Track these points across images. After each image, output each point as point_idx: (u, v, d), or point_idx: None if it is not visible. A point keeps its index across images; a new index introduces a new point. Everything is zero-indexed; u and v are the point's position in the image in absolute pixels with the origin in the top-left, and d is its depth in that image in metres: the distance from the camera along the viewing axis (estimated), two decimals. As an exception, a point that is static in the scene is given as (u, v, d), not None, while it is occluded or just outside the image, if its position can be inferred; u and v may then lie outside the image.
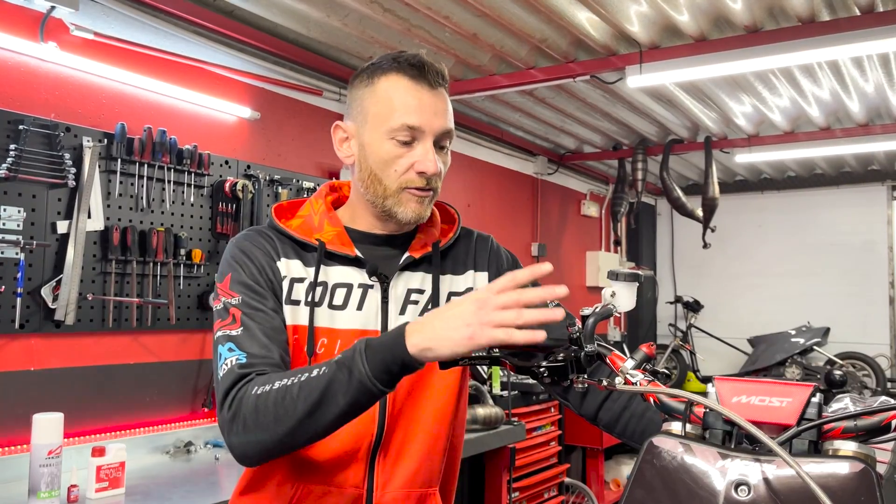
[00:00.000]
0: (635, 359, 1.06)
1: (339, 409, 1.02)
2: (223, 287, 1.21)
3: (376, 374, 1.00)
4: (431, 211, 1.36)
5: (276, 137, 3.45)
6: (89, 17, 2.67)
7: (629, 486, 0.94)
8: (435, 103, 1.21)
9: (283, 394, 1.04)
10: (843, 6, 3.12)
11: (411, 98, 1.19)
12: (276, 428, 1.04)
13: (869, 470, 0.83)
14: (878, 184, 6.56)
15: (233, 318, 1.17)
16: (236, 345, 1.14)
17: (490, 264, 1.36)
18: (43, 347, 2.52)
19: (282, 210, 1.34)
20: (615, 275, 1.05)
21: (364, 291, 1.24)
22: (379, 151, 1.21)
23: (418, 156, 1.20)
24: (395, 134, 1.19)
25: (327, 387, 1.02)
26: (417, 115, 1.19)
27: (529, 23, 3.29)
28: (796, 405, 0.90)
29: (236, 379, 1.10)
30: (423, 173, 1.20)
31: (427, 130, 1.19)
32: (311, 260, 1.25)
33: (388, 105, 1.20)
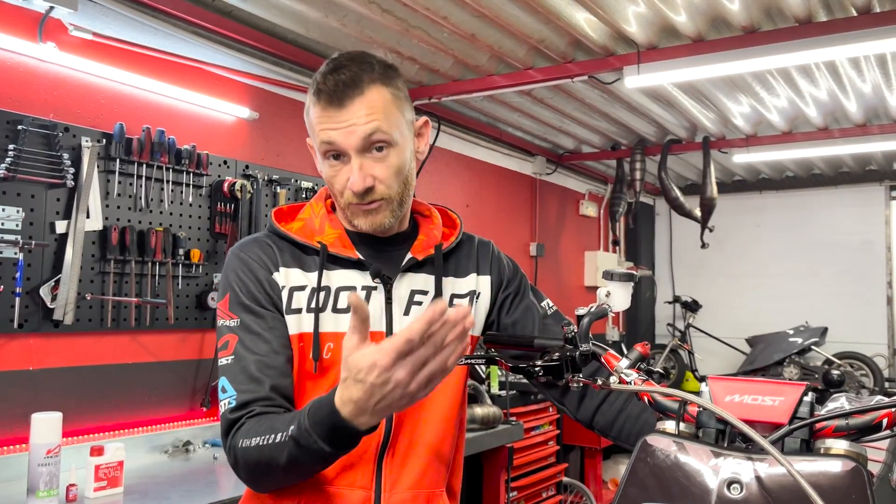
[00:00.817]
0: (630, 358, 1.07)
1: (316, 469, 1.08)
2: (223, 307, 1.22)
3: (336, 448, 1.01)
4: (433, 214, 1.37)
5: (274, 137, 3.45)
6: (88, 17, 2.67)
7: (623, 484, 0.95)
8: (346, 119, 1.16)
9: (263, 451, 1.07)
10: (840, 7, 3.13)
11: (322, 116, 1.17)
12: (270, 477, 1.10)
13: (860, 468, 0.84)
14: (875, 184, 6.57)
15: (225, 343, 1.19)
16: (228, 380, 1.16)
17: (492, 269, 1.37)
18: (42, 347, 2.52)
19: (282, 214, 1.33)
20: (610, 275, 1.06)
21: (367, 294, 1.24)
22: (323, 171, 1.23)
23: (347, 173, 1.18)
24: (324, 153, 1.20)
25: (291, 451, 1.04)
26: (332, 132, 1.16)
27: (527, 23, 3.29)
28: (788, 404, 0.91)
29: (228, 426, 1.14)
30: (354, 191, 1.18)
31: (344, 146, 1.16)
32: (312, 265, 1.25)
33: (311, 128, 1.22)
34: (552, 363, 1.07)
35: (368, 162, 1.18)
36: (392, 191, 1.21)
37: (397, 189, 1.22)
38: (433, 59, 3.68)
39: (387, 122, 1.18)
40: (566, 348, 1.08)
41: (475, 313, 1.32)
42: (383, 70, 1.20)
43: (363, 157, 1.17)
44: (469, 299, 1.33)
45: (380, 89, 1.18)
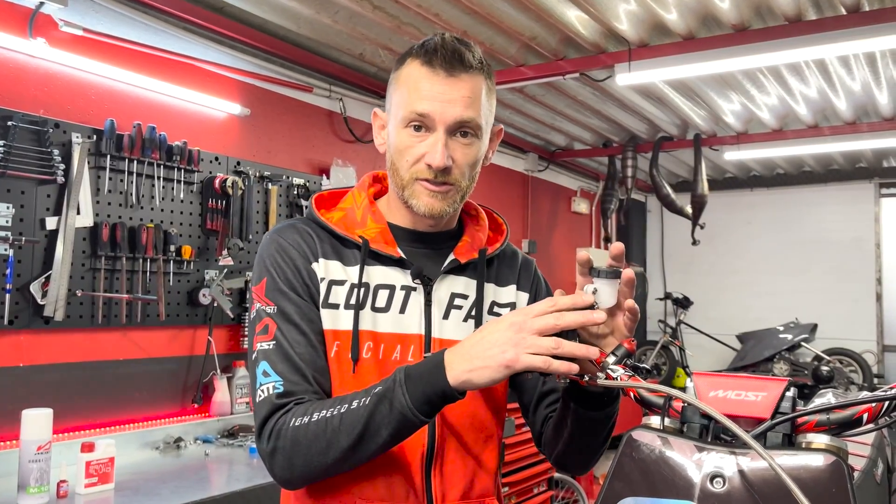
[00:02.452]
0: (616, 354, 1.07)
1: (382, 440, 1.02)
2: (258, 292, 1.17)
3: (418, 406, 0.99)
4: (480, 215, 1.35)
5: (266, 134, 3.45)
6: (78, 13, 2.66)
7: (608, 478, 0.96)
8: (449, 90, 1.13)
9: (324, 426, 1.03)
10: (830, 5, 3.15)
11: (424, 83, 1.14)
12: (320, 459, 1.04)
13: (840, 462, 0.85)
14: (865, 181, 6.62)
15: (265, 328, 1.14)
16: (270, 365, 1.11)
17: (532, 287, 1.34)
18: (32, 343, 2.52)
19: (322, 200, 1.28)
20: (597, 272, 1.07)
21: (407, 294, 1.20)
22: (396, 140, 1.18)
23: (427, 146, 1.15)
24: (408, 121, 1.15)
25: (369, 420, 1.01)
26: (428, 101, 1.13)
27: (519, 21, 3.30)
28: (771, 399, 0.92)
29: (273, 409, 1.08)
30: (430, 165, 1.15)
31: (437, 119, 1.13)
32: (352, 258, 1.21)
33: (405, 92, 1.16)
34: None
35: (452, 143, 1.15)
36: (463, 180, 1.19)
37: (467, 181, 1.20)
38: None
39: (481, 111, 1.18)
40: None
41: None
42: (485, 62, 1.20)
43: (449, 136, 1.15)
44: (509, 310, 1.29)
45: (481, 78, 1.18)
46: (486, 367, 0.96)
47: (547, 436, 1.29)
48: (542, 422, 1.31)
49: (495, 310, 1.29)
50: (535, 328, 0.95)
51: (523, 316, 0.97)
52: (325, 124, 3.80)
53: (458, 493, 1.18)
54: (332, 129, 3.85)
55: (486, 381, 0.97)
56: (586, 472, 1.39)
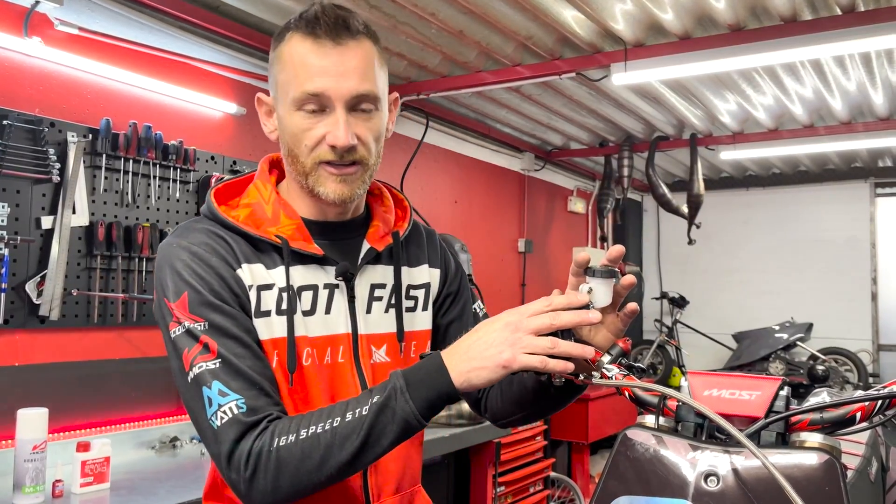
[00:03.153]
0: (612, 353, 1.08)
1: (382, 449, 0.98)
2: (180, 308, 1.04)
3: (422, 411, 0.97)
4: (384, 194, 1.27)
5: (261, 133, 3.42)
6: (74, 12, 2.66)
7: (604, 477, 0.96)
8: (340, 62, 1.05)
9: (316, 442, 0.97)
10: (825, 6, 3.15)
11: (311, 59, 1.05)
12: (312, 477, 0.98)
13: (833, 461, 0.86)
14: (861, 181, 6.64)
15: (204, 347, 1.02)
16: (223, 384, 1.00)
17: (441, 262, 1.30)
18: (27, 343, 2.52)
19: (221, 195, 1.16)
20: (592, 271, 1.07)
21: (330, 292, 1.14)
22: (290, 124, 1.08)
23: (328, 126, 1.06)
24: (300, 104, 1.06)
25: (370, 430, 0.96)
26: (320, 79, 1.04)
27: (515, 20, 3.30)
28: (765, 398, 0.93)
29: (244, 429, 0.99)
30: (334, 147, 1.06)
31: (333, 96, 1.05)
32: (272, 260, 1.11)
33: (292, 71, 1.06)
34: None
35: (353, 119, 1.07)
36: (370, 156, 1.11)
37: (374, 158, 1.11)
38: (421, 55, 3.68)
39: (377, 81, 1.09)
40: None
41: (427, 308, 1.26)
42: (369, 26, 1.12)
43: (349, 112, 1.07)
44: (424, 292, 1.26)
45: (370, 44, 1.10)
46: (483, 368, 0.95)
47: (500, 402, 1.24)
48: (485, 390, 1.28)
49: (411, 293, 1.24)
50: (531, 328, 0.95)
51: (519, 315, 0.96)
52: (321, 123, 3.80)
53: (392, 488, 1.19)
54: (328, 128, 3.84)
55: (485, 381, 0.96)
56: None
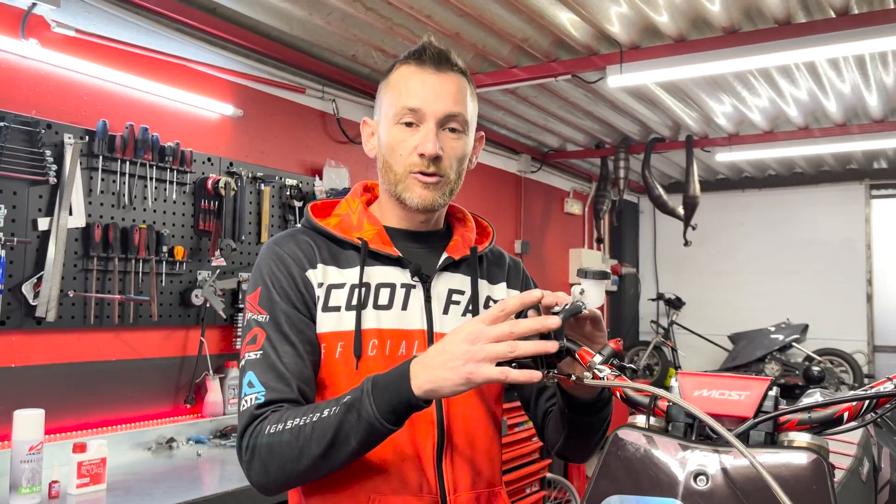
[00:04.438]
0: (603, 354, 1.09)
1: (351, 448, 1.04)
2: (252, 301, 1.20)
3: (384, 414, 1.02)
4: (467, 218, 1.40)
5: (258, 135, 3.46)
6: (71, 13, 2.67)
7: (595, 476, 0.97)
8: (438, 86, 1.21)
9: (297, 434, 1.05)
10: (819, 8, 3.17)
11: (413, 82, 1.22)
12: (293, 466, 1.06)
13: (821, 460, 0.87)
14: (856, 182, 6.66)
15: (254, 338, 1.17)
16: (255, 375, 1.14)
17: (522, 286, 1.40)
18: (24, 344, 2.52)
19: (317, 209, 1.32)
20: (584, 273, 1.09)
21: (407, 291, 1.25)
22: (388, 138, 1.24)
23: (419, 138, 1.21)
24: (399, 118, 1.21)
25: (338, 429, 1.03)
26: (418, 98, 1.20)
27: (511, 22, 3.31)
28: (754, 398, 0.94)
29: (251, 419, 1.11)
30: (422, 155, 1.20)
31: (427, 112, 1.20)
32: (349, 261, 1.25)
33: (396, 93, 1.23)
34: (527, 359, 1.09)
35: (441, 136, 1.22)
36: (451, 173, 1.24)
37: (455, 175, 1.25)
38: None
39: (468, 111, 1.25)
40: (541, 344, 1.09)
41: None
42: (464, 67, 1.28)
43: (439, 129, 1.21)
44: None
45: (465, 81, 1.26)
46: (447, 380, 0.99)
47: (548, 432, 1.36)
48: (542, 415, 1.38)
49: (490, 304, 1.33)
50: (490, 336, 0.98)
51: (479, 325, 1.00)
52: (317, 125, 3.81)
53: (468, 483, 1.22)
54: (324, 129, 3.85)
55: (450, 392, 1.01)
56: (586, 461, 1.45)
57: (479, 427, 1.26)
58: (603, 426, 1.28)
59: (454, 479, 1.20)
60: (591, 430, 1.26)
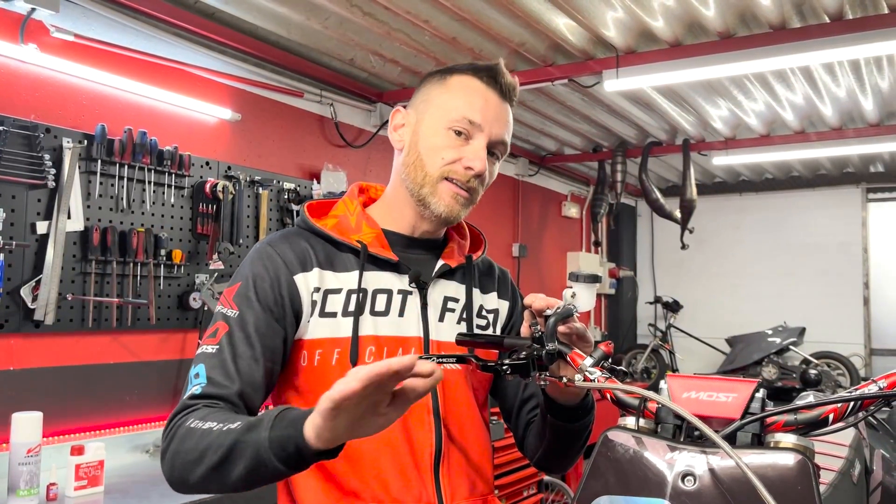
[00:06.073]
0: (594, 356, 1.10)
1: (239, 472, 0.95)
2: (227, 295, 1.17)
3: (273, 447, 0.90)
4: (462, 226, 1.39)
5: (256, 139, 3.47)
6: (70, 18, 2.68)
7: (585, 477, 0.99)
8: (499, 111, 1.24)
9: (205, 436, 0.98)
10: (813, 14, 3.19)
11: (478, 98, 1.22)
12: (191, 469, 0.99)
13: (806, 461, 0.88)
14: (852, 186, 6.68)
15: (215, 331, 1.13)
16: (205, 368, 1.09)
17: (510, 296, 1.40)
18: (22, 347, 2.53)
19: (313, 209, 1.30)
20: (576, 276, 1.10)
21: (404, 298, 1.23)
22: (433, 137, 1.22)
23: (469, 152, 1.21)
24: (453, 125, 1.21)
25: (233, 445, 0.94)
26: (481, 114, 1.21)
27: (508, 27, 3.33)
28: (741, 400, 0.95)
29: (182, 407, 1.06)
30: (469, 169, 1.20)
31: (486, 130, 1.21)
32: (346, 264, 1.22)
33: (455, 98, 1.22)
34: (519, 361, 1.10)
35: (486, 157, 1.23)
36: (479, 191, 1.26)
37: (480, 194, 1.27)
38: (415, 61, 3.71)
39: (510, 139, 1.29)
40: (533, 347, 1.11)
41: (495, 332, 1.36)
42: None
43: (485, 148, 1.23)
44: (494, 316, 1.35)
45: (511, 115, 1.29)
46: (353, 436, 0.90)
47: (528, 441, 1.36)
48: (524, 427, 1.38)
49: (483, 313, 1.34)
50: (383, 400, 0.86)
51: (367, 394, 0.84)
52: (315, 129, 3.83)
53: (466, 491, 1.22)
54: (322, 133, 3.87)
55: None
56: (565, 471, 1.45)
57: (473, 434, 1.26)
58: (584, 435, 1.27)
59: (451, 488, 1.20)
60: (572, 438, 1.26)
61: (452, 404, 1.24)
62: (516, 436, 1.40)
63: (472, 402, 1.28)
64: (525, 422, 1.37)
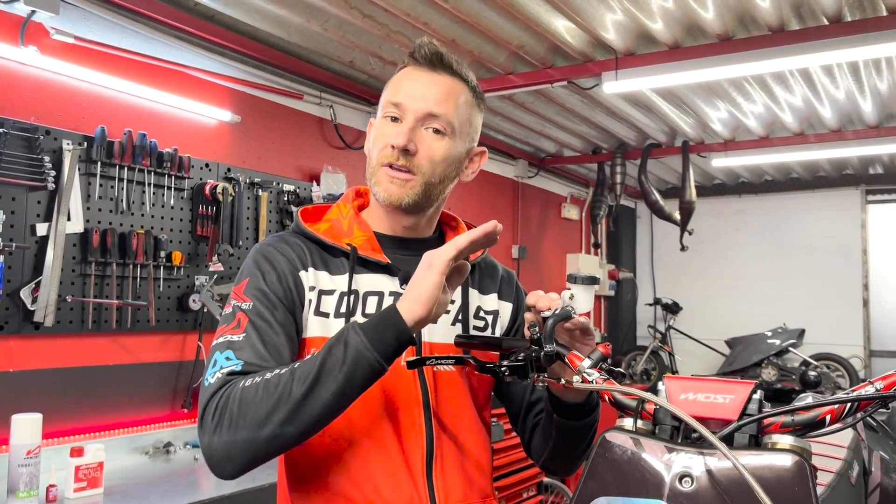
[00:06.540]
0: (592, 358, 1.11)
1: (337, 385, 1.00)
2: (238, 291, 1.18)
3: (372, 342, 1.01)
4: (460, 226, 1.38)
5: (256, 141, 3.48)
6: (70, 21, 2.69)
7: (583, 478, 0.99)
8: (426, 85, 1.21)
9: (276, 381, 1.01)
10: (812, 16, 3.20)
11: (405, 80, 1.22)
12: (268, 418, 1.00)
13: (803, 462, 0.88)
14: (852, 188, 6.69)
15: (238, 322, 1.13)
16: (234, 352, 1.09)
17: (514, 298, 1.39)
18: (22, 349, 2.53)
19: (308, 214, 1.31)
20: (573, 278, 1.10)
21: (395, 299, 1.21)
22: (375, 132, 1.24)
23: (392, 130, 1.20)
24: (384, 112, 1.22)
25: (322, 364, 1.01)
26: (403, 94, 1.21)
27: (507, 30, 3.34)
28: (738, 401, 0.96)
29: (222, 383, 1.06)
30: (393, 148, 1.19)
31: (408, 108, 1.20)
32: (339, 267, 1.23)
33: (389, 89, 1.24)
34: (518, 363, 1.11)
35: (420, 133, 1.20)
36: (427, 172, 1.21)
37: (433, 176, 1.22)
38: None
39: (456, 115, 1.22)
40: (531, 349, 1.11)
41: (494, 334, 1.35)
42: (469, 77, 1.27)
43: (418, 127, 1.20)
44: (492, 318, 1.35)
45: (462, 86, 1.25)
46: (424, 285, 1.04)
47: (535, 443, 1.35)
48: (530, 430, 1.38)
49: (481, 314, 1.33)
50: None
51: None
52: (315, 131, 3.83)
53: (460, 494, 1.21)
54: (322, 135, 3.87)
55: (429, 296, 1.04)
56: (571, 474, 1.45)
57: (468, 435, 1.26)
58: (589, 433, 1.27)
59: (445, 490, 1.19)
60: (577, 436, 1.25)
61: (446, 405, 1.23)
62: (523, 439, 1.40)
63: (469, 403, 1.28)
64: (532, 425, 1.37)
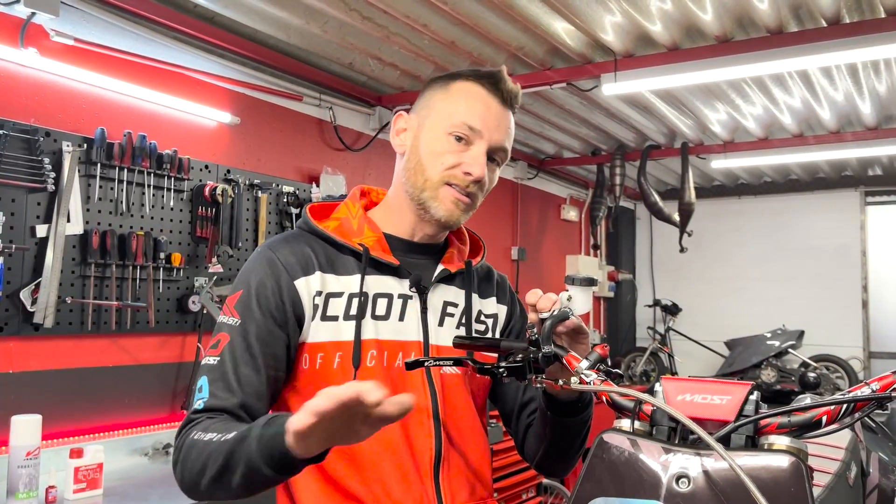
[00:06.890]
0: (590, 359, 1.11)
1: (237, 480, 0.98)
2: (230, 303, 1.18)
3: (263, 455, 0.93)
4: (462, 232, 1.40)
5: (256, 142, 3.48)
6: (69, 23, 2.69)
7: (580, 479, 0.99)
8: (500, 117, 1.24)
9: (205, 447, 1.02)
10: (811, 18, 3.20)
11: (480, 104, 1.23)
12: (197, 479, 1.04)
13: (799, 463, 0.89)
14: (851, 189, 6.69)
15: (216, 343, 1.15)
16: (207, 381, 1.13)
17: (509, 301, 1.42)
18: (21, 350, 2.54)
19: (315, 211, 1.30)
20: (571, 279, 1.11)
21: (404, 302, 1.24)
22: (433, 143, 1.23)
23: (469, 157, 1.22)
24: (454, 130, 1.21)
25: (228, 455, 0.98)
26: (481, 120, 1.22)
27: (506, 31, 3.34)
28: (735, 402, 0.96)
29: (187, 421, 1.11)
30: (468, 174, 1.21)
31: (485, 137, 1.22)
32: (347, 267, 1.23)
33: (457, 104, 1.23)
34: (515, 364, 1.11)
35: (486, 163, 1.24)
36: (479, 197, 1.27)
37: (480, 200, 1.28)
38: (414, 65, 3.73)
39: (510, 146, 1.29)
40: (529, 350, 1.12)
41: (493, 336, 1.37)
42: None
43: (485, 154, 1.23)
44: (493, 321, 1.37)
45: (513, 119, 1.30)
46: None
47: (528, 443, 1.37)
48: (523, 430, 1.39)
49: (482, 318, 1.35)
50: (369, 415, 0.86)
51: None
52: (314, 133, 3.84)
53: (465, 495, 1.23)
54: (321, 137, 3.88)
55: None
56: (566, 474, 1.45)
57: (472, 438, 1.27)
58: (583, 430, 1.28)
59: (451, 492, 1.20)
60: (571, 433, 1.27)
61: (452, 409, 1.25)
62: (516, 440, 1.41)
63: (472, 407, 1.29)
64: (525, 425, 1.38)
